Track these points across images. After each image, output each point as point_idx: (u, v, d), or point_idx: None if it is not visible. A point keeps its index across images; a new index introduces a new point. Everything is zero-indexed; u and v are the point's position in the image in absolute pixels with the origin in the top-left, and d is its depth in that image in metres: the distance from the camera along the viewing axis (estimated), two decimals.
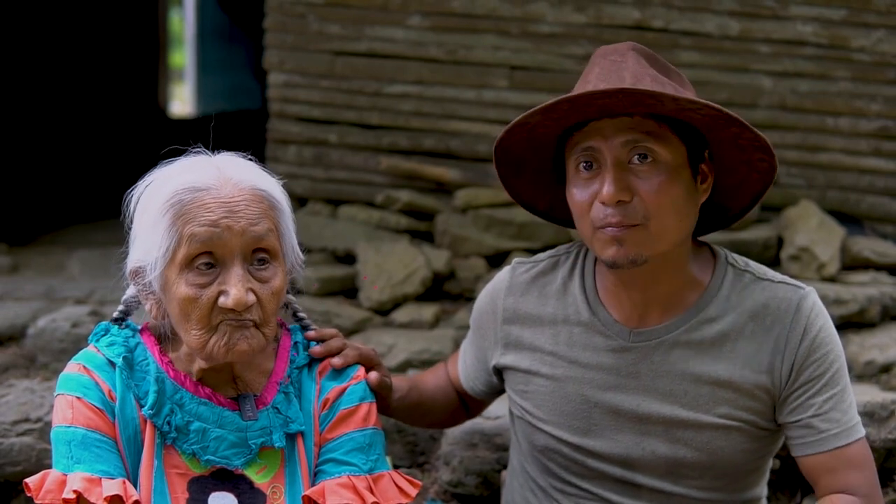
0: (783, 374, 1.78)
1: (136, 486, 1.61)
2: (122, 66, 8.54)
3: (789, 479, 2.73)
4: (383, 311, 3.62)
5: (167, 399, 1.64)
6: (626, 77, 1.71)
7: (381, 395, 1.87)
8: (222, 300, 1.57)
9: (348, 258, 3.90)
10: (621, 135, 1.71)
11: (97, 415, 1.62)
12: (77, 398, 1.62)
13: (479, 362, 2.06)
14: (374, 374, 1.82)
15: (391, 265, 3.68)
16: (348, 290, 3.75)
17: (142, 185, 1.66)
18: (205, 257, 1.58)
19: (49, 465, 1.63)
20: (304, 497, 1.65)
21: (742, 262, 1.87)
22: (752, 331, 1.80)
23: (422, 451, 2.84)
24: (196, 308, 1.58)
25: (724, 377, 1.80)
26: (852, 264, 3.79)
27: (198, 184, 1.60)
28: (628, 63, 1.74)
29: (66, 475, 1.57)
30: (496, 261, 3.85)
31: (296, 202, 1.73)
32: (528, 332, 1.95)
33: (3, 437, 2.59)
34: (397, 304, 3.63)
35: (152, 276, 1.61)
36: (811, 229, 3.80)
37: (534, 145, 1.83)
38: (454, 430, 2.67)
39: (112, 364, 1.65)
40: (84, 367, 1.65)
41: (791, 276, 1.90)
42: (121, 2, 8.64)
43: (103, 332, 1.72)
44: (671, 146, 1.72)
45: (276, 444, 1.66)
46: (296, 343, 1.78)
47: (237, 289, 1.57)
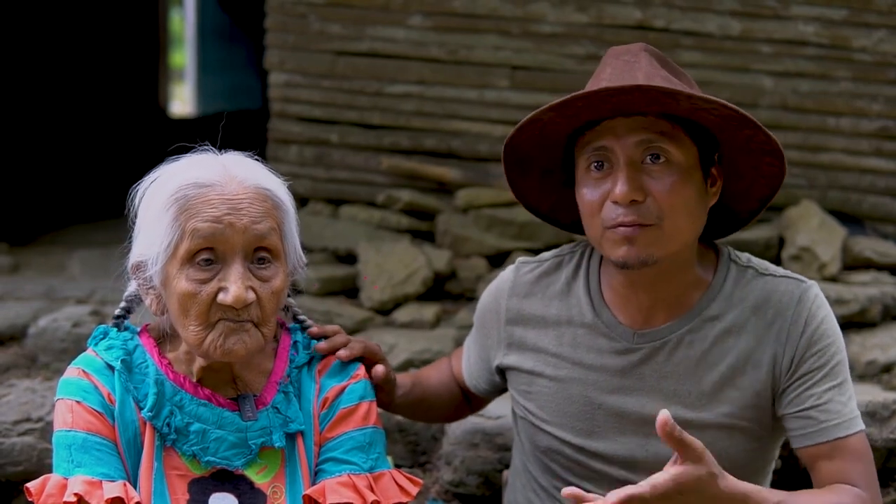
0: (784, 366, 1.78)
1: (136, 488, 1.60)
2: (122, 66, 8.54)
3: (791, 479, 2.72)
4: (384, 310, 3.62)
5: (167, 401, 1.64)
6: (639, 77, 1.70)
7: (384, 390, 1.86)
8: (221, 297, 1.57)
9: (349, 258, 3.90)
10: (635, 134, 1.70)
11: (97, 418, 1.62)
12: (77, 402, 1.62)
13: (483, 361, 2.06)
14: (381, 368, 1.82)
15: (392, 265, 3.68)
16: (349, 290, 3.75)
17: (147, 179, 1.66)
18: (206, 253, 1.58)
19: (50, 465, 1.63)
20: (304, 496, 1.65)
21: (745, 258, 1.87)
22: (755, 325, 1.79)
23: (423, 450, 2.83)
24: (195, 303, 1.58)
25: (728, 376, 1.79)
26: (853, 264, 3.79)
27: (203, 180, 1.60)
28: (641, 63, 1.73)
29: (66, 479, 1.57)
30: (497, 261, 3.84)
31: (297, 202, 1.73)
32: (532, 333, 1.94)
33: (4, 437, 2.59)
34: (398, 304, 3.63)
35: (153, 271, 1.61)
36: (812, 229, 3.79)
37: (544, 144, 1.82)
38: (456, 430, 2.67)
39: (111, 367, 1.65)
40: (83, 371, 1.65)
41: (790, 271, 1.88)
42: (121, 2, 8.64)
43: (102, 336, 1.71)
44: (684, 147, 1.72)
45: (276, 444, 1.66)
46: (295, 342, 1.78)
47: (237, 286, 1.56)
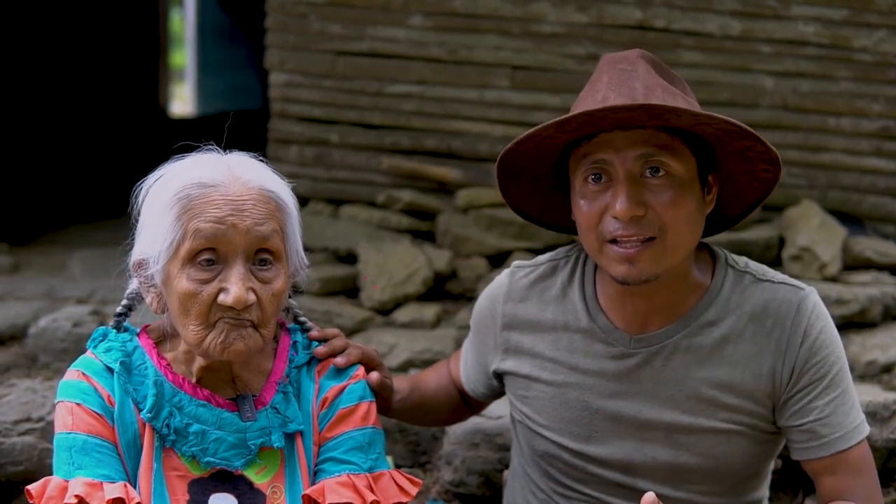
0: (784, 377, 1.77)
1: (136, 490, 1.60)
2: (122, 66, 8.55)
3: (791, 480, 2.72)
4: (384, 310, 3.62)
5: (166, 402, 1.64)
6: (637, 88, 1.69)
7: (382, 396, 1.86)
8: (222, 297, 1.57)
9: (350, 258, 3.90)
10: (634, 148, 1.68)
11: (97, 420, 1.62)
12: (77, 404, 1.62)
13: (480, 366, 2.06)
14: (375, 375, 1.81)
15: (392, 265, 3.68)
16: (349, 290, 3.75)
17: (152, 178, 1.66)
18: (208, 253, 1.58)
19: (50, 465, 1.63)
20: (303, 496, 1.65)
21: (742, 262, 1.86)
22: (753, 333, 1.78)
23: (423, 450, 2.83)
24: (195, 303, 1.58)
25: (726, 381, 1.78)
26: (854, 264, 3.79)
27: (206, 180, 1.60)
28: (639, 73, 1.71)
29: (67, 481, 1.57)
30: (498, 261, 3.84)
31: (297, 202, 1.72)
32: (528, 339, 1.93)
33: (4, 437, 2.59)
34: (398, 303, 3.63)
35: (155, 269, 1.61)
36: (812, 229, 3.79)
37: (539, 156, 1.81)
38: (456, 430, 2.67)
39: (110, 370, 1.65)
40: (83, 373, 1.65)
41: (792, 276, 1.88)
42: (121, 2, 8.64)
43: (101, 338, 1.71)
44: (683, 159, 1.70)
45: (276, 445, 1.66)
46: (294, 343, 1.78)
47: (238, 287, 1.56)
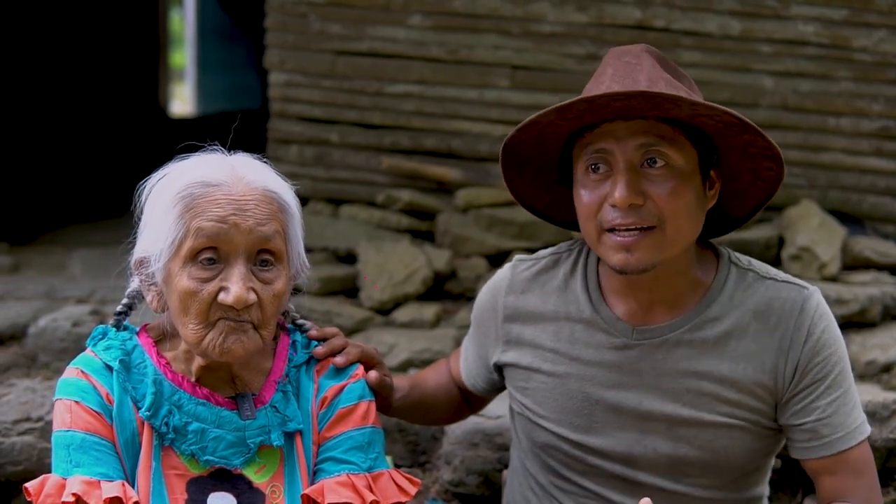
0: (786, 376, 1.78)
1: (134, 488, 1.60)
2: (122, 66, 8.55)
3: (791, 478, 2.73)
4: (384, 310, 3.62)
5: (165, 400, 1.64)
6: (641, 80, 1.70)
7: (382, 394, 1.86)
8: (222, 296, 1.57)
9: (349, 258, 3.90)
10: (635, 138, 1.70)
11: (95, 418, 1.61)
12: (75, 402, 1.62)
13: (481, 359, 2.06)
14: (374, 373, 1.81)
15: (392, 265, 3.68)
16: (349, 290, 3.75)
17: (155, 176, 1.66)
18: (209, 252, 1.58)
19: (50, 465, 1.63)
20: (303, 496, 1.65)
21: (745, 261, 1.86)
22: (756, 330, 1.79)
23: (423, 450, 2.83)
24: (195, 302, 1.58)
25: (727, 376, 1.79)
26: (853, 264, 3.80)
27: (210, 179, 1.60)
28: (643, 66, 1.73)
29: (65, 479, 1.57)
30: (497, 260, 3.84)
31: (299, 204, 1.72)
32: (530, 330, 1.94)
33: (4, 437, 2.59)
34: (398, 303, 3.63)
35: (156, 267, 1.62)
36: (812, 229, 3.80)
37: (542, 144, 1.81)
38: (455, 429, 2.67)
39: (109, 368, 1.65)
40: (82, 371, 1.65)
41: (792, 275, 1.88)
42: (121, 2, 8.64)
43: (101, 336, 1.71)
44: (684, 151, 1.71)
45: (275, 443, 1.66)
46: (294, 342, 1.78)
47: (238, 286, 1.56)
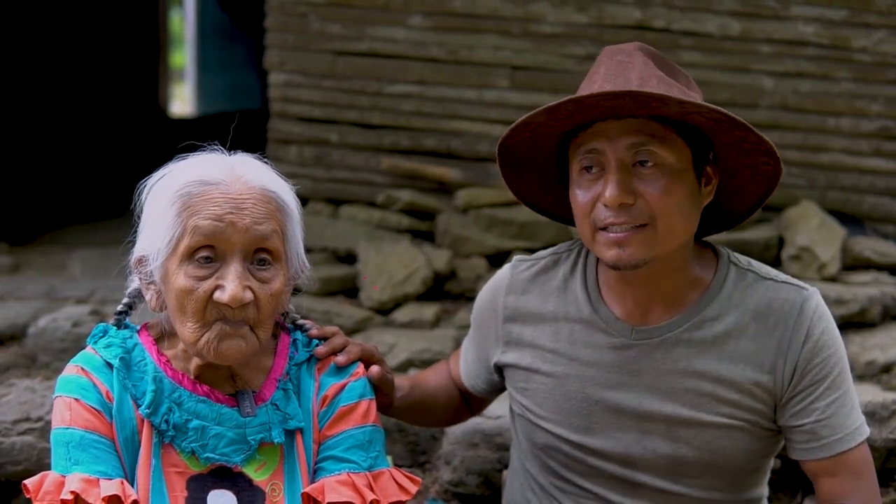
0: (785, 377, 1.78)
1: (134, 486, 1.60)
2: (122, 66, 8.55)
3: (790, 479, 2.73)
4: (384, 310, 3.62)
5: (165, 398, 1.64)
6: (632, 78, 1.70)
7: (383, 391, 1.86)
8: (218, 294, 1.57)
9: (349, 258, 3.90)
10: (626, 137, 1.70)
11: (95, 416, 1.62)
12: (75, 400, 1.62)
13: (480, 360, 2.06)
14: (376, 369, 1.81)
15: (392, 265, 3.68)
16: (349, 290, 3.75)
17: (155, 176, 1.67)
18: (206, 251, 1.58)
19: (49, 465, 1.63)
20: (303, 494, 1.65)
21: (745, 261, 1.87)
22: (756, 330, 1.79)
23: (423, 450, 2.83)
24: (192, 300, 1.58)
25: (726, 376, 1.79)
26: (853, 264, 3.80)
27: (208, 178, 1.61)
28: (635, 64, 1.73)
29: (64, 476, 1.57)
30: (497, 261, 3.84)
31: (300, 204, 1.72)
32: (529, 330, 1.94)
33: (4, 437, 2.59)
34: (398, 303, 3.63)
35: (154, 266, 1.62)
36: (812, 229, 3.80)
37: (537, 145, 1.82)
38: (455, 429, 2.67)
39: (109, 365, 1.65)
40: (82, 368, 1.65)
41: (792, 276, 1.88)
42: (121, 2, 8.64)
43: (101, 334, 1.72)
44: (675, 149, 1.71)
45: (276, 440, 1.66)
46: (294, 340, 1.78)
47: (234, 285, 1.57)
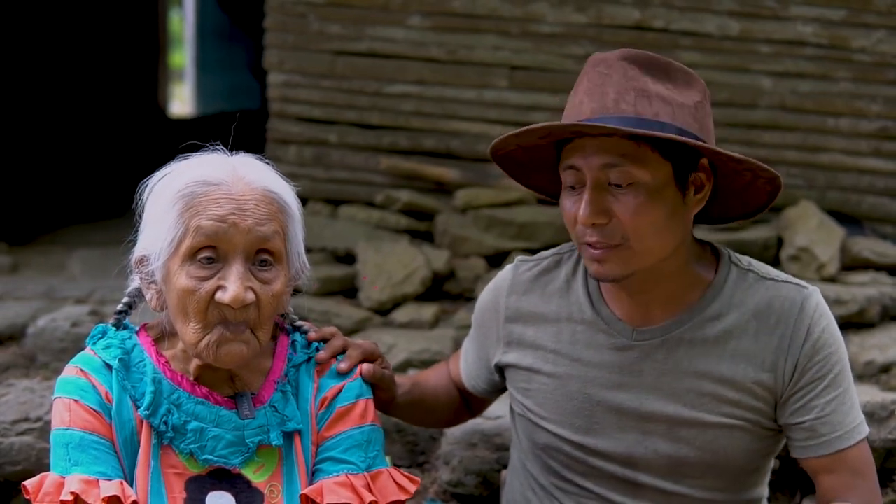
0: (786, 375, 1.78)
1: (133, 487, 1.60)
2: (122, 66, 8.54)
3: (789, 480, 2.73)
4: (383, 310, 3.62)
5: (164, 399, 1.64)
6: (609, 93, 1.69)
7: (381, 387, 1.85)
8: (219, 295, 1.57)
9: (348, 258, 3.90)
10: (599, 156, 1.69)
11: (94, 417, 1.62)
12: (74, 401, 1.62)
13: (481, 360, 2.06)
14: (367, 366, 1.80)
15: (391, 265, 3.68)
16: (348, 290, 3.75)
17: (157, 175, 1.67)
18: (208, 251, 1.58)
19: (49, 465, 1.63)
20: (301, 496, 1.65)
21: (746, 261, 1.86)
22: (756, 329, 1.79)
23: (422, 450, 2.84)
24: (193, 300, 1.58)
25: (728, 375, 1.79)
26: (852, 265, 3.80)
27: (210, 178, 1.61)
28: (613, 77, 1.71)
29: (63, 477, 1.57)
30: (496, 261, 3.85)
31: (300, 205, 1.72)
32: (531, 331, 1.94)
33: (2, 437, 2.59)
34: (397, 303, 3.63)
35: (155, 266, 1.62)
36: (811, 230, 3.80)
37: (529, 154, 1.84)
38: (454, 430, 2.67)
39: (108, 366, 1.65)
40: (81, 370, 1.65)
41: (791, 276, 1.88)
42: (121, 2, 8.64)
43: (100, 335, 1.72)
44: (650, 167, 1.69)
45: (274, 442, 1.66)
46: (293, 342, 1.78)
47: (236, 285, 1.57)
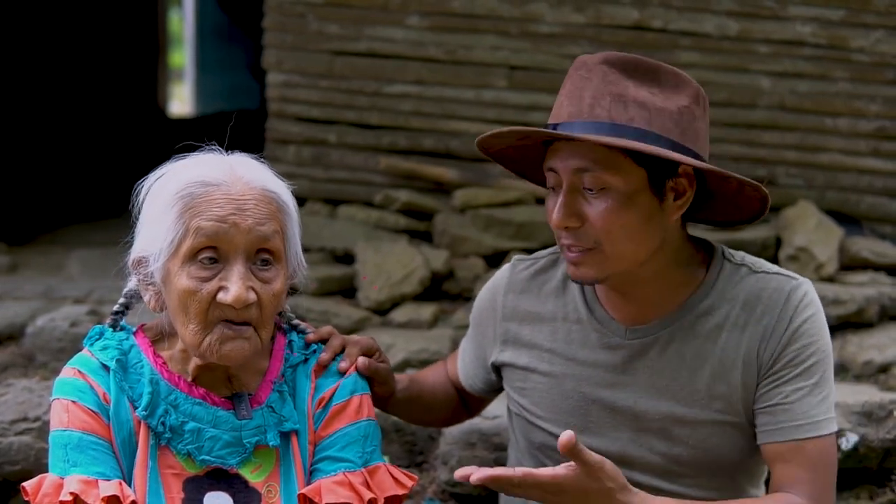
0: (763, 361, 1.77)
1: (131, 487, 1.60)
2: (121, 66, 8.54)
3: None
4: (382, 310, 3.62)
5: (161, 400, 1.64)
6: (585, 98, 1.70)
7: (378, 381, 1.85)
8: (221, 296, 1.58)
9: (347, 258, 3.90)
10: (573, 160, 1.70)
11: (92, 418, 1.62)
12: (72, 402, 1.63)
13: (478, 359, 2.06)
14: (362, 359, 1.79)
15: (390, 265, 3.68)
16: (347, 290, 3.75)
17: (153, 176, 1.67)
18: (209, 252, 1.58)
19: (47, 465, 1.63)
20: (300, 496, 1.65)
21: (739, 256, 1.86)
22: (744, 321, 1.79)
23: (420, 450, 2.84)
24: (195, 301, 1.58)
25: (718, 371, 1.79)
26: (851, 264, 3.80)
27: (209, 179, 1.61)
28: (593, 81, 1.71)
29: (62, 478, 1.57)
30: (495, 261, 3.84)
31: (297, 204, 1.73)
32: (527, 330, 1.95)
33: (1, 437, 2.59)
34: (396, 303, 3.63)
35: (155, 267, 1.62)
36: (809, 229, 3.80)
37: (521, 152, 1.85)
38: (452, 429, 2.68)
39: (106, 367, 1.66)
40: (79, 371, 1.66)
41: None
42: (121, 2, 8.64)
43: (97, 336, 1.72)
44: (622, 172, 1.69)
45: (271, 443, 1.66)
46: (290, 342, 1.78)
47: (237, 286, 1.57)
